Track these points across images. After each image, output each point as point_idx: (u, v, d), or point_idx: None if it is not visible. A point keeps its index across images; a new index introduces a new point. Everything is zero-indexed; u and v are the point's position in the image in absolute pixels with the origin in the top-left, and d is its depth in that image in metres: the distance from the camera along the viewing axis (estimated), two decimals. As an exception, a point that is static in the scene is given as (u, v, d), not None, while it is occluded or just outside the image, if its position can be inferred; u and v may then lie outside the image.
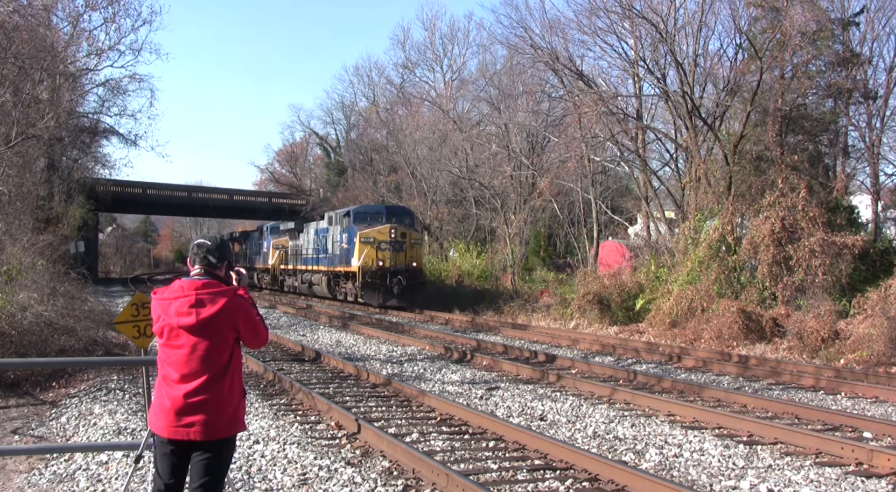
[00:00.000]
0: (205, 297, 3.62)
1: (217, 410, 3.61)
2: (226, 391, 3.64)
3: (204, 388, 3.59)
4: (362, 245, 24.84)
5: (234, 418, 3.69)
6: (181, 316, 3.60)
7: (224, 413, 3.63)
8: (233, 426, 3.70)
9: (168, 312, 3.64)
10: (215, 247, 3.83)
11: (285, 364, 12.59)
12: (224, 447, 3.71)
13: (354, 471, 6.20)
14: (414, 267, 25.30)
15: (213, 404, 3.60)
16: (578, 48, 24.14)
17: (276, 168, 66.95)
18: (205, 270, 3.77)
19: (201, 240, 3.84)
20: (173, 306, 3.64)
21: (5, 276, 12.27)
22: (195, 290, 3.63)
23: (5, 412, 8.74)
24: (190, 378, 3.60)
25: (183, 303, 3.62)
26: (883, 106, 19.94)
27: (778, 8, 18.66)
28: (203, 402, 3.58)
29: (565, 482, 5.98)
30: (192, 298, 3.61)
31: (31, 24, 18.38)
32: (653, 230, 23.27)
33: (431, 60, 52.72)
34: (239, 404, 3.74)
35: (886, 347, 12.41)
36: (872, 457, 6.61)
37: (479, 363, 12.79)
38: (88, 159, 37.11)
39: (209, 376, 3.60)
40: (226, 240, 4.02)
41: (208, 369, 3.60)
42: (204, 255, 3.77)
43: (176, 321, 3.60)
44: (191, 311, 3.59)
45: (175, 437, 3.61)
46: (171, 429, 3.60)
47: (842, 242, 15.69)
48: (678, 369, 12.69)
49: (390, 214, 26.49)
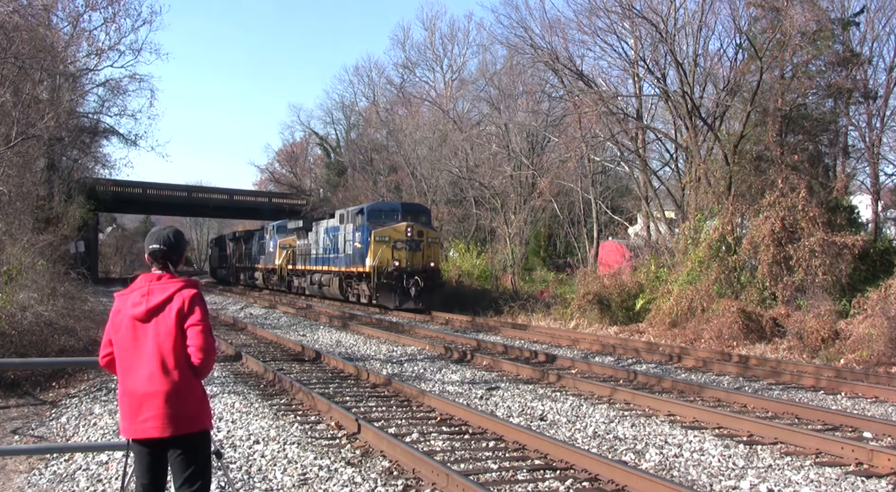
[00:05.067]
0: (157, 287, 3.62)
1: (178, 403, 3.52)
2: (184, 384, 3.54)
3: (161, 381, 3.50)
4: (377, 244, 23.78)
5: (198, 411, 3.60)
6: (135, 306, 3.59)
7: (185, 406, 3.54)
8: (199, 421, 3.61)
9: (125, 304, 3.64)
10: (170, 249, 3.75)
11: (285, 364, 12.59)
12: (197, 441, 3.63)
13: (354, 471, 6.20)
14: (431, 267, 24.21)
15: (173, 397, 3.50)
16: (578, 48, 24.19)
17: (276, 168, 67.00)
18: (162, 266, 3.74)
19: (154, 246, 3.72)
20: (130, 298, 3.65)
21: (5, 276, 12.27)
22: (149, 282, 3.65)
23: (5, 412, 8.74)
24: (146, 372, 3.52)
25: (137, 294, 3.63)
26: (883, 106, 19.96)
27: (778, 8, 18.66)
28: (162, 395, 3.49)
29: (565, 482, 5.98)
30: (145, 289, 3.62)
31: (31, 24, 18.39)
32: (653, 230, 23.27)
33: (431, 60, 52.80)
34: (202, 398, 3.65)
35: (886, 347, 12.41)
36: (872, 457, 6.61)
37: (479, 363, 12.79)
38: (88, 159, 37.08)
39: (165, 369, 3.52)
40: (178, 233, 3.87)
41: (164, 362, 3.52)
42: (162, 260, 3.73)
43: (130, 312, 3.59)
44: (141, 300, 3.59)
45: (140, 436, 3.55)
46: (135, 428, 3.54)
47: (842, 242, 15.69)
48: (678, 368, 12.69)
49: (406, 212, 25.35)
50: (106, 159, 38.50)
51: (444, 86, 50.57)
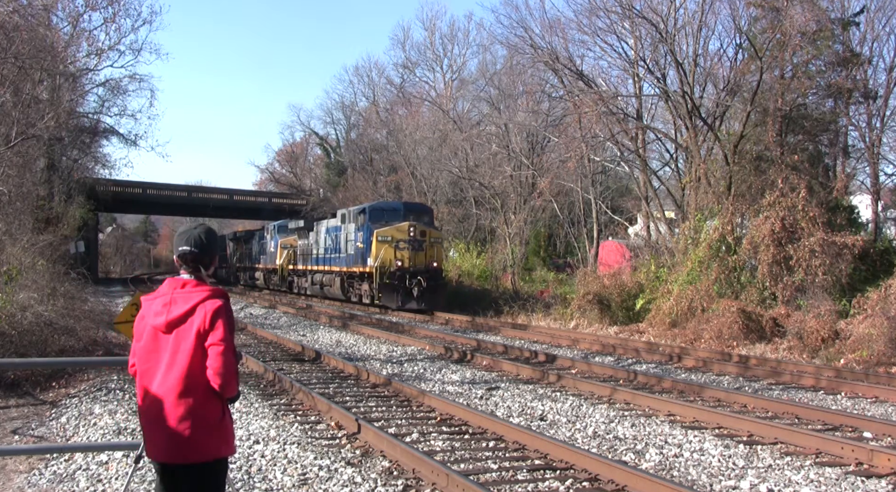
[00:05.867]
0: (180, 296, 3.28)
1: (189, 429, 3.16)
2: (200, 409, 3.18)
3: (174, 404, 3.16)
4: (379, 244, 23.60)
5: (211, 438, 3.22)
6: (157, 316, 3.26)
7: (197, 434, 3.17)
8: (216, 448, 3.24)
9: (149, 311, 3.32)
10: (202, 251, 3.39)
11: (285, 364, 12.59)
12: (208, 471, 3.25)
13: (354, 471, 6.20)
14: (434, 267, 24.04)
15: (184, 422, 3.15)
16: (578, 48, 24.21)
17: (276, 168, 67.07)
18: (193, 269, 3.40)
19: (184, 248, 3.37)
20: (153, 305, 3.32)
21: (5, 276, 12.27)
22: (174, 289, 3.31)
23: (5, 412, 8.74)
24: (161, 391, 3.19)
25: (159, 302, 3.30)
26: (883, 106, 19.98)
27: (778, 8, 18.66)
28: (174, 419, 3.15)
29: (565, 482, 5.98)
30: (167, 297, 3.29)
31: (31, 24, 18.36)
32: (653, 230, 23.27)
33: (431, 60, 52.83)
34: (222, 421, 3.26)
35: (886, 347, 12.40)
36: (872, 457, 6.61)
37: (479, 363, 12.79)
38: (88, 159, 37.08)
39: (181, 391, 3.16)
40: (211, 232, 3.49)
41: (180, 382, 3.17)
42: (193, 263, 3.38)
43: (152, 321, 3.27)
44: (163, 310, 3.26)
45: (152, 457, 3.28)
46: (149, 447, 3.28)
47: (842, 242, 15.69)
48: (678, 368, 12.69)
49: (408, 211, 25.05)
50: (106, 159, 38.54)
51: (444, 86, 50.60)
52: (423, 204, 30.14)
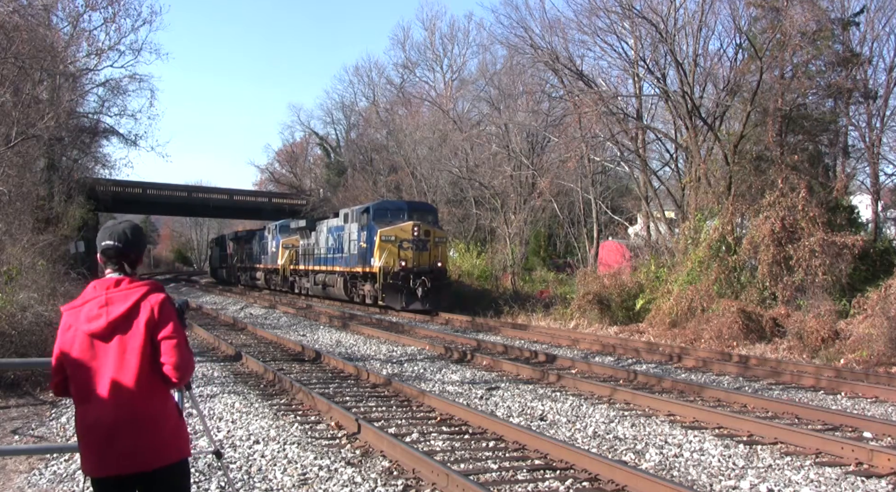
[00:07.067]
0: (117, 295, 3.02)
1: (155, 431, 2.99)
2: (161, 408, 3.03)
3: (134, 408, 2.95)
4: (383, 244, 23.39)
5: (176, 438, 3.07)
6: (91, 321, 2.98)
7: (163, 434, 3.01)
8: (179, 449, 3.08)
9: (78, 319, 3.02)
10: (126, 246, 3.15)
11: (285, 364, 12.59)
12: (177, 472, 3.08)
13: (354, 471, 6.20)
14: (439, 267, 23.87)
15: (149, 425, 2.97)
16: (578, 48, 24.20)
17: (276, 168, 67.09)
18: (118, 267, 3.15)
19: (108, 242, 3.12)
20: (84, 311, 3.02)
21: (5, 276, 12.26)
22: (106, 289, 3.05)
23: (5, 412, 8.74)
24: (113, 398, 2.94)
25: (93, 305, 3.01)
26: (883, 106, 19.98)
27: (778, 8, 18.67)
28: (137, 424, 2.95)
29: (565, 482, 5.98)
30: (102, 299, 3.02)
31: (31, 24, 18.38)
32: (653, 230, 23.27)
33: (431, 60, 52.87)
34: (179, 422, 3.11)
35: (886, 347, 12.41)
36: (872, 457, 6.61)
37: (479, 363, 12.79)
38: (88, 159, 37.05)
39: (137, 393, 2.95)
40: (136, 228, 3.25)
41: (135, 384, 2.95)
42: (117, 259, 3.14)
43: (85, 327, 2.98)
44: (100, 312, 2.99)
45: (114, 472, 2.96)
46: (105, 464, 2.96)
47: (842, 242, 15.69)
48: (678, 368, 12.69)
49: (412, 211, 24.79)
50: (106, 159, 38.49)
51: (444, 86, 50.63)
52: (428, 203, 29.97)
